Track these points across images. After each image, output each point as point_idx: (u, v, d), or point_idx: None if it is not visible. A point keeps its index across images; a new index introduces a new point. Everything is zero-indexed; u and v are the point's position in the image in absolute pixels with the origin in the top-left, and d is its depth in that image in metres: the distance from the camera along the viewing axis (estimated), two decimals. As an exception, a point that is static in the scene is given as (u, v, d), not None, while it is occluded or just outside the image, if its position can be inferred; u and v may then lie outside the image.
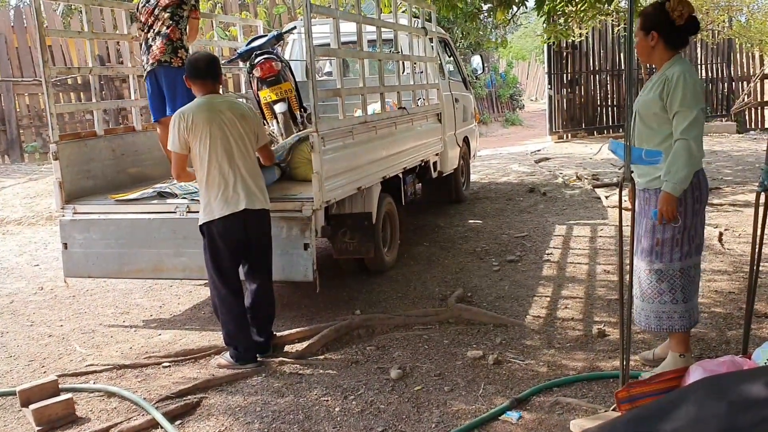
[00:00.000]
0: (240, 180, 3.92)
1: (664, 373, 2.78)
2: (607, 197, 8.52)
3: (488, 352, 4.08)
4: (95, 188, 5.14)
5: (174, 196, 4.86)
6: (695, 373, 2.50)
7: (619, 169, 9.80)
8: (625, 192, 2.90)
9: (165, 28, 5.34)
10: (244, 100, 7.24)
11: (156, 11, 5.36)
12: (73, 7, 14.57)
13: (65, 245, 4.84)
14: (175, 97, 5.24)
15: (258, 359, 4.07)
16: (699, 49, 16.38)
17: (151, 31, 5.38)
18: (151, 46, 5.38)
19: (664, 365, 3.51)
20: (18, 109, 13.24)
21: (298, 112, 6.13)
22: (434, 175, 7.32)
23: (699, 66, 16.40)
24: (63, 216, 4.83)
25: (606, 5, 8.94)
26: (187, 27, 5.48)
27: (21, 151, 13.21)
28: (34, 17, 4.80)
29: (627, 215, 3.15)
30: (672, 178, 3.17)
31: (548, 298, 5.03)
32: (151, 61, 5.36)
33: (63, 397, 3.59)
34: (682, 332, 3.47)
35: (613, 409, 3.03)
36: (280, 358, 4.10)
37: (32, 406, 3.49)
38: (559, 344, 4.19)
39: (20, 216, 9.00)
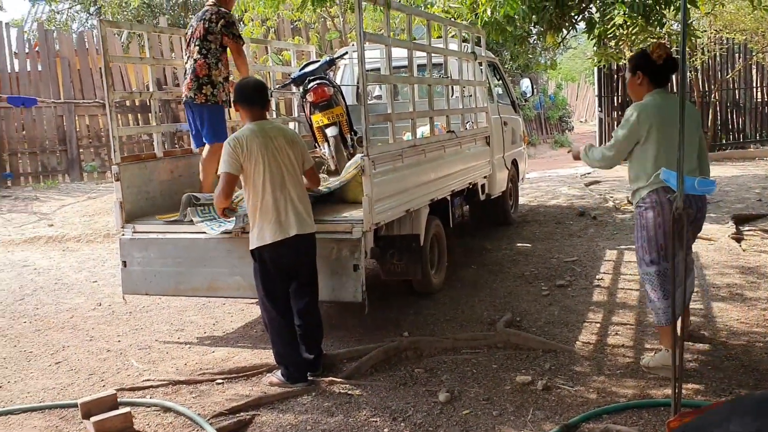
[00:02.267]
0: (291, 205, 4.01)
1: (717, 402, 2.74)
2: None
3: (537, 377, 4.08)
4: (154, 208, 5.32)
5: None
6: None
7: (672, 198, 9.62)
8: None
9: (193, 62, 5.49)
10: (296, 124, 7.42)
11: (191, 43, 5.53)
12: (131, 33, 15.13)
13: (124, 263, 5.02)
14: (202, 130, 5.51)
15: (308, 378, 4.15)
16: (754, 72, 16.05)
17: (189, 61, 5.54)
18: (185, 79, 5.56)
19: (657, 358, 4.07)
20: (78, 130, 13.75)
21: (349, 136, 6.26)
22: (482, 197, 7.34)
23: (754, 89, 16.05)
24: (123, 235, 5.01)
25: (657, 28, 8.87)
26: (210, 54, 5.46)
27: (80, 170, 13.70)
28: (96, 42, 5.03)
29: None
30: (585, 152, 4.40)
31: (598, 324, 4.99)
32: (183, 93, 5.56)
33: (122, 410, 3.73)
34: (666, 326, 3.98)
35: (665, 438, 3.00)
36: (330, 378, 4.16)
37: (93, 419, 3.63)
38: (609, 371, 4.16)
39: (79, 233, 9.32)
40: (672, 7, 7.20)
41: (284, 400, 3.95)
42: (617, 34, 9.34)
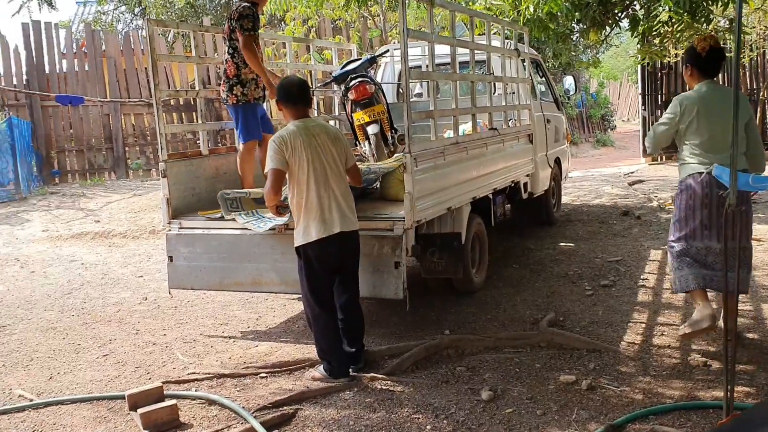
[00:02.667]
0: (335, 203, 4.03)
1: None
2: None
3: (581, 377, 4.03)
4: (199, 205, 5.39)
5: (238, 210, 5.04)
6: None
7: (725, 194, 9.39)
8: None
9: (225, 62, 5.59)
10: (337, 122, 7.45)
11: (225, 42, 5.63)
12: (176, 33, 15.37)
13: (170, 258, 5.10)
14: (236, 130, 5.63)
15: (350, 374, 4.17)
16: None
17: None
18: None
19: (688, 323, 4.25)
20: (124, 128, 14.04)
21: (390, 134, 6.25)
22: (524, 196, 7.28)
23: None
24: (169, 230, 5.09)
25: (704, 25, 8.68)
26: (237, 54, 5.52)
27: (126, 168, 13.99)
28: (141, 41, 5.13)
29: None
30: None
31: (643, 325, 4.91)
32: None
33: (168, 402, 3.79)
34: (687, 291, 4.35)
35: (715, 440, 2.94)
36: (372, 374, 4.17)
37: (140, 410, 3.70)
38: (655, 372, 4.09)
39: (125, 229, 9.52)
40: (719, 3, 7.04)
41: (327, 395, 3.97)
42: (662, 31, 9.19)
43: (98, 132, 13.88)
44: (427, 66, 5.54)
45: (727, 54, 14.69)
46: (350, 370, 4.20)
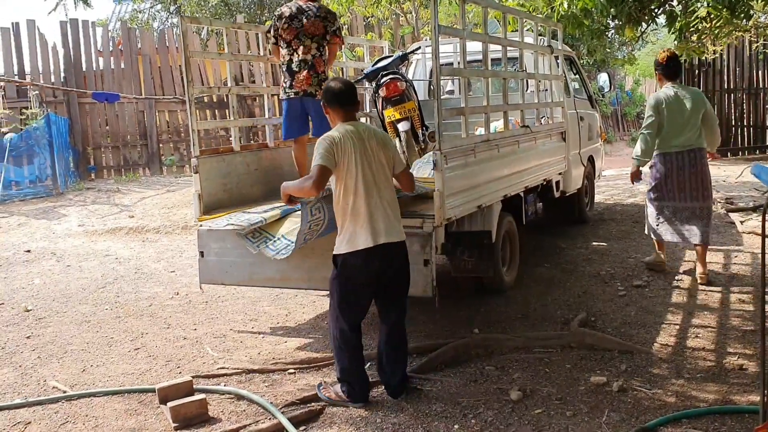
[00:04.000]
0: (382, 210, 3.76)
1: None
2: (742, 222, 8.05)
3: (613, 378, 3.97)
4: (231, 200, 5.41)
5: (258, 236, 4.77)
6: None
7: (764, 193, 9.21)
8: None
9: (310, 57, 5.48)
10: (368, 119, 7.45)
11: (301, 36, 5.47)
12: (210, 30, 15.51)
13: (201, 253, 5.14)
14: (322, 125, 5.45)
15: (369, 399, 3.91)
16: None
17: (296, 54, 5.50)
18: (295, 72, 5.50)
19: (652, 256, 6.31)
20: (158, 125, 14.22)
21: (420, 131, 6.23)
22: (557, 194, 7.19)
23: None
24: (201, 226, 5.13)
25: (744, 21, 8.49)
26: (326, 51, 5.58)
27: (160, 164, 14.17)
28: (176, 39, 5.14)
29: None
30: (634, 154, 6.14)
31: (677, 326, 4.82)
32: (295, 89, 5.50)
33: (197, 396, 3.82)
34: (648, 235, 6.29)
35: (751, 446, 2.87)
36: (400, 373, 4.14)
37: (170, 404, 3.73)
38: (688, 374, 4.01)
39: (158, 225, 9.64)
40: (760, -1, 6.88)
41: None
42: (700, 27, 9.00)
43: (133, 128, 14.07)
44: (458, 63, 5.50)
45: None
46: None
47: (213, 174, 5.34)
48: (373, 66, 6.58)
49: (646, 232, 6.32)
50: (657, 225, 6.02)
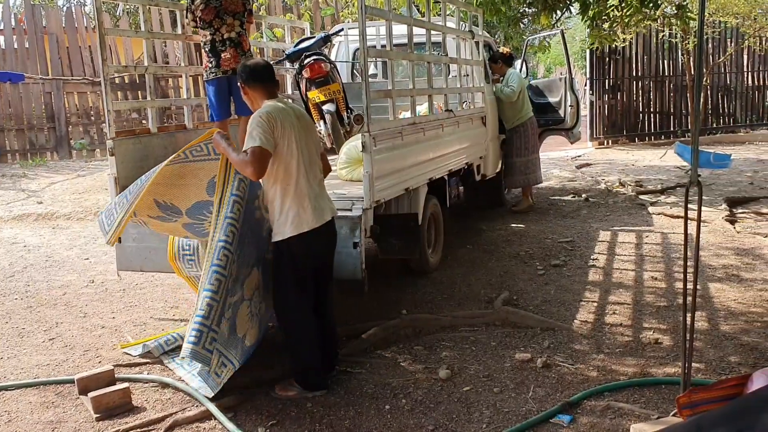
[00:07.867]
0: (320, 189, 3.70)
1: (727, 379, 2.76)
2: (651, 204, 8.42)
3: (536, 355, 4.08)
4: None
5: None
6: (759, 380, 2.48)
7: (686, 172, 9.66)
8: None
9: (235, 34, 5.42)
10: (290, 101, 7.34)
11: (222, 15, 5.39)
12: (124, 7, 14.88)
13: (119, 239, 4.93)
14: (237, 102, 5.45)
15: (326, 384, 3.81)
16: (745, 56, 16.10)
17: (218, 33, 5.42)
18: (221, 51, 5.41)
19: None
20: (67, 107, 13.56)
21: (345, 113, 6.19)
22: (477, 178, 7.31)
23: (745, 73, 16.12)
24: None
25: (652, 10, 8.84)
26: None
27: (69, 148, 13.54)
28: (84, 18, 4.90)
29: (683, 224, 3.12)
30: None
31: (595, 304, 5.00)
32: (223, 68, 5.43)
33: (120, 386, 3.69)
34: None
35: (673, 415, 3.01)
36: (329, 355, 4.12)
37: (91, 394, 3.59)
38: (608, 349, 4.17)
39: (69, 211, 9.21)
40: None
41: (281, 379, 3.91)
42: (611, 15, 9.32)
43: (39, 111, 13.37)
44: (383, 46, 5.48)
45: (673, 40, 14.89)
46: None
47: (129, 157, 5.13)
48: (295, 47, 6.48)
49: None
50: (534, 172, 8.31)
